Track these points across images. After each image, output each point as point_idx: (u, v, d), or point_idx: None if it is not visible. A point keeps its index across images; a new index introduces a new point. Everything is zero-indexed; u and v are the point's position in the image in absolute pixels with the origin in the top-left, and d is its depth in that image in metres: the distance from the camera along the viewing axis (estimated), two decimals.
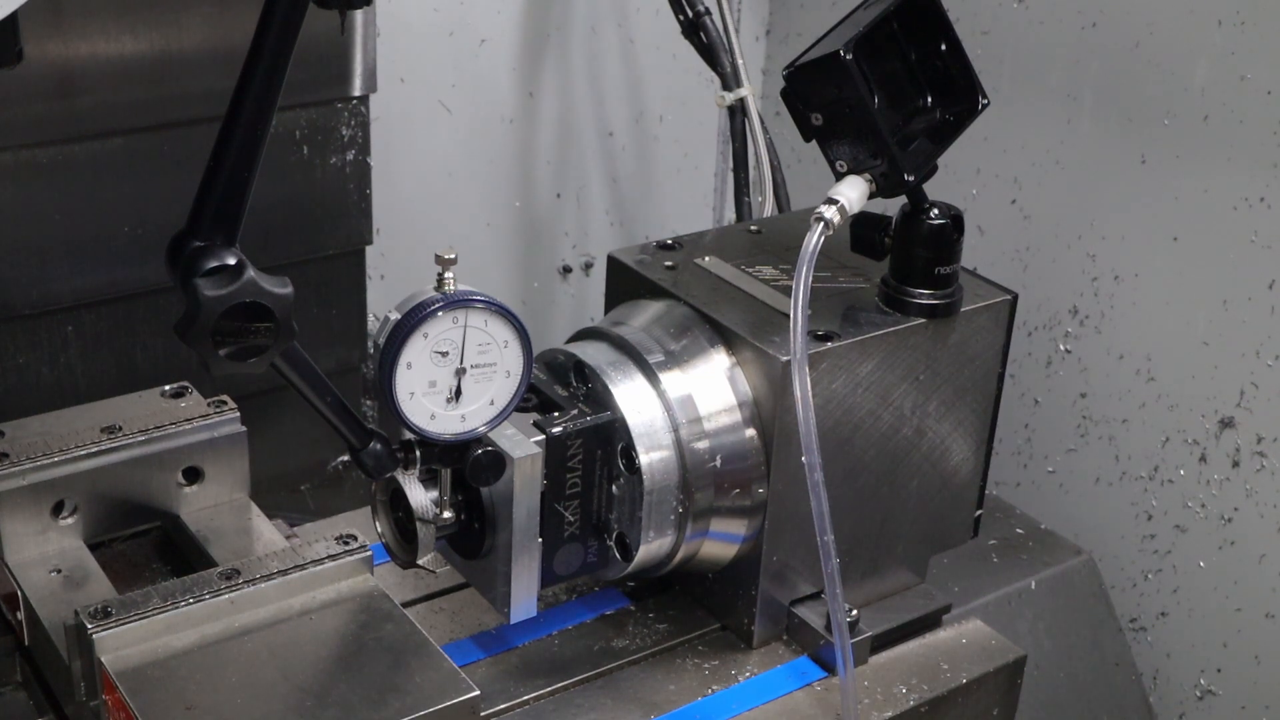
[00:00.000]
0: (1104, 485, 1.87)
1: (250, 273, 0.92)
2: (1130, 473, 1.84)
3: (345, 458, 1.74)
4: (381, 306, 1.70)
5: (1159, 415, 1.80)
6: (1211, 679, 1.81)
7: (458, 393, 1.12)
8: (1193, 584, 1.81)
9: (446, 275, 1.08)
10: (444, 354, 1.09)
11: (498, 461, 1.16)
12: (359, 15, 1.55)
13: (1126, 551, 1.86)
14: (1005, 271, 1.83)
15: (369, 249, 1.71)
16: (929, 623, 1.40)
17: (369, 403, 1.78)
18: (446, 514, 1.20)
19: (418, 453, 1.15)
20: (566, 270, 2.14)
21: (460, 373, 1.11)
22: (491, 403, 1.13)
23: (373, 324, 1.74)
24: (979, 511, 1.43)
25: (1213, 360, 1.73)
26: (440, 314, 1.04)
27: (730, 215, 2.19)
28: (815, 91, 1.25)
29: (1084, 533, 1.84)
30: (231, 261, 0.94)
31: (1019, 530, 1.67)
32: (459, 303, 1.04)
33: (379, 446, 1.12)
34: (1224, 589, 1.77)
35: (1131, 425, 1.83)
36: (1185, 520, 1.79)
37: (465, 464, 1.16)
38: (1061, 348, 1.88)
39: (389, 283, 1.86)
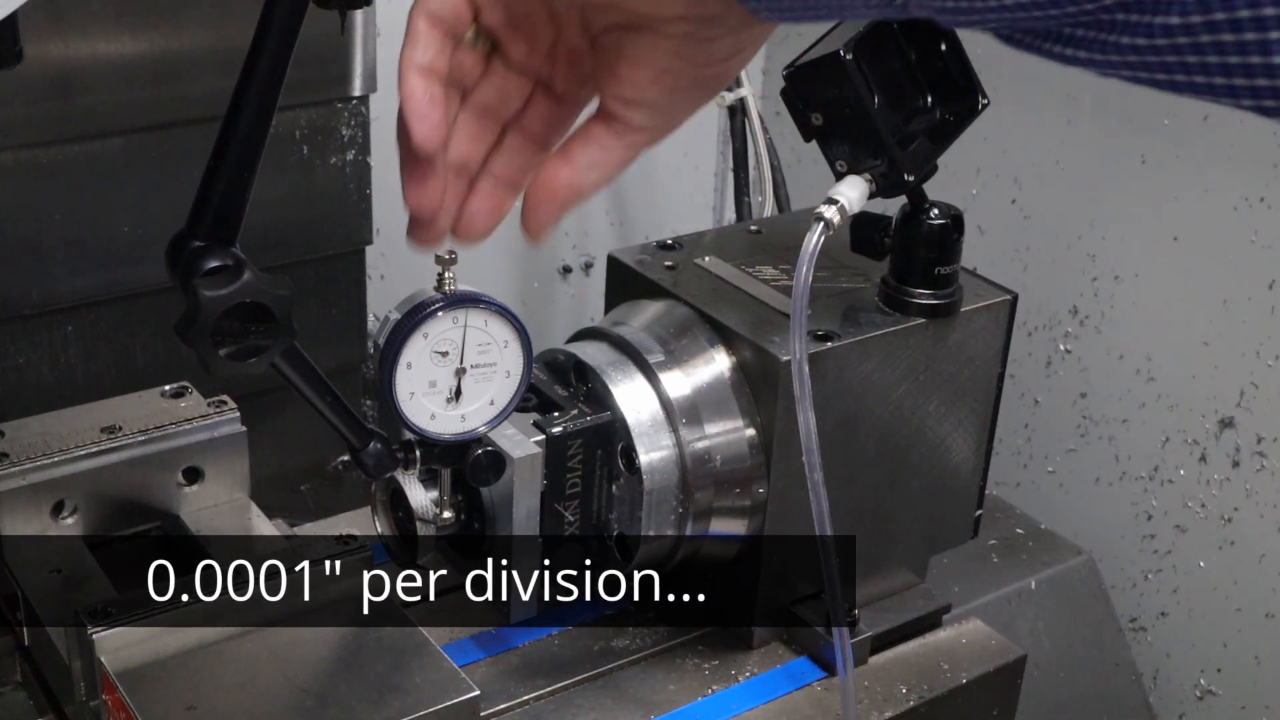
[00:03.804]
0: (1104, 485, 1.87)
1: (250, 273, 0.92)
2: (1130, 473, 1.84)
3: (345, 458, 1.74)
4: (381, 306, 1.69)
5: (1159, 415, 1.80)
6: (1211, 679, 1.81)
7: (458, 393, 1.11)
8: (1193, 584, 1.81)
9: (446, 275, 1.07)
10: (444, 354, 1.09)
11: (498, 461, 1.16)
12: (359, 15, 1.55)
13: (1126, 551, 1.86)
14: (1005, 271, 1.83)
15: (369, 249, 1.70)
16: (929, 623, 1.40)
17: (369, 403, 1.78)
18: (446, 514, 1.20)
19: (418, 453, 1.15)
20: (566, 270, 2.13)
21: (460, 373, 1.11)
22: (491, 403, 1.13)
23: (373, 324, 1.74)
24: (979, 511, 1.43)
25: (1213, 360, 1.73)
26: (440, 314, 1.04)
27: (730, 215, 2.19)
28: (815, 91, 1.25)
29: (1084, 533, 1.84)
30: (231, 262, 0.93)
31: (1019, 530, 1.67)
32: (459, 303, 1.04)
33: (379, 446, 1.12)
34: (1224, 589, 1.77)
35: (1131, 425, 1.83)
36: (1185, 520, 1.80)
37: (465, 464, 1.15)
38: (1061, 348, 1.88)
39: (389, 283, 1.86)
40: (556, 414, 1.24)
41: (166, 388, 1.35)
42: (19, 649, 1.25)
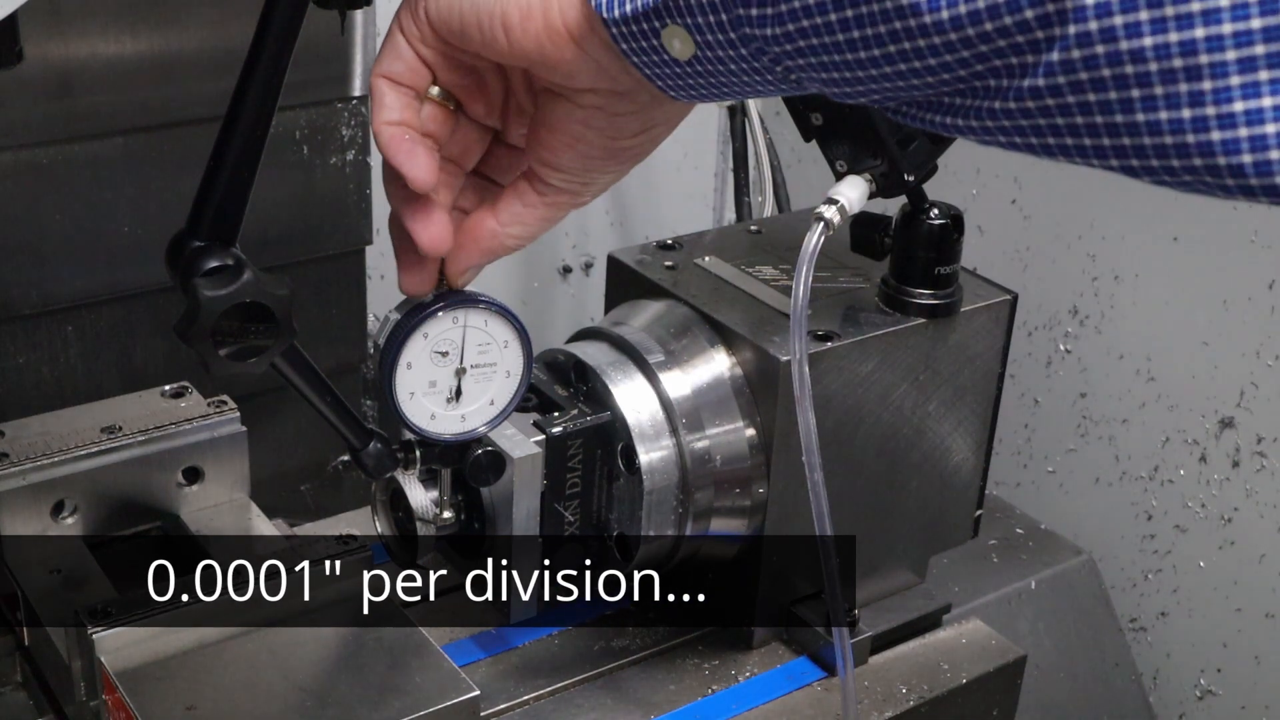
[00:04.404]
0: (1104, 485, 1.87)
1: (250, 273, 0.92)
2: (1130, 473, 1.84)
3: (345, 458, 1.74)
4: (381, 306, 1.69)
5: (1159, 415, 1.80)
6: (1211, 679, 1.81)
7: (458, 393, 1.11)
8: (1193, 584, 1.81)
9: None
10: (444, 354, 1.08)
11: (498, 461, 1.16)
12: (359, 15, 1.55)
13: (1126, 551, 1.86)
14: (1005, 271, 1.83)
15: (369, 249, 1.70)
16: (929, 623, 1.40)
17: (369, 403, 1.78)
18: (446, 514, 1.20)
19: (418, 453, 1.14)
20: (566, 270, 2.13)
21: (460, 373, 1.10)
22: (491, 403, 1.12)
23: (373, 324, 1.74)
24: (979, 511, 1.42)
25: (1213, 360, 1.73)
26: (440, 314, 1.03)
27: (730, 215, 2.19)
28: None
29: (1084, 533, 1.84)
30: (231, 262, 0.93)
31: (1019, 530, 1.67)
32: (459, 303, 1.03)
33: (379, 446, 1.12)
34: (1224, 589, 1.77)
35: (1131, 425, 1.83)
36: (1185, 520, 1.79)
37: (465, 464, 1.15)
38: (1061, 348, 1.88)
39: (389, 283, 1.84)
40: (556, 414, 1.24)
41: (166, 388, 1.34)
42: (19, 649, 1.25)
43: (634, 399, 1.26)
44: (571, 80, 0.76)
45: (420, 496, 1.19)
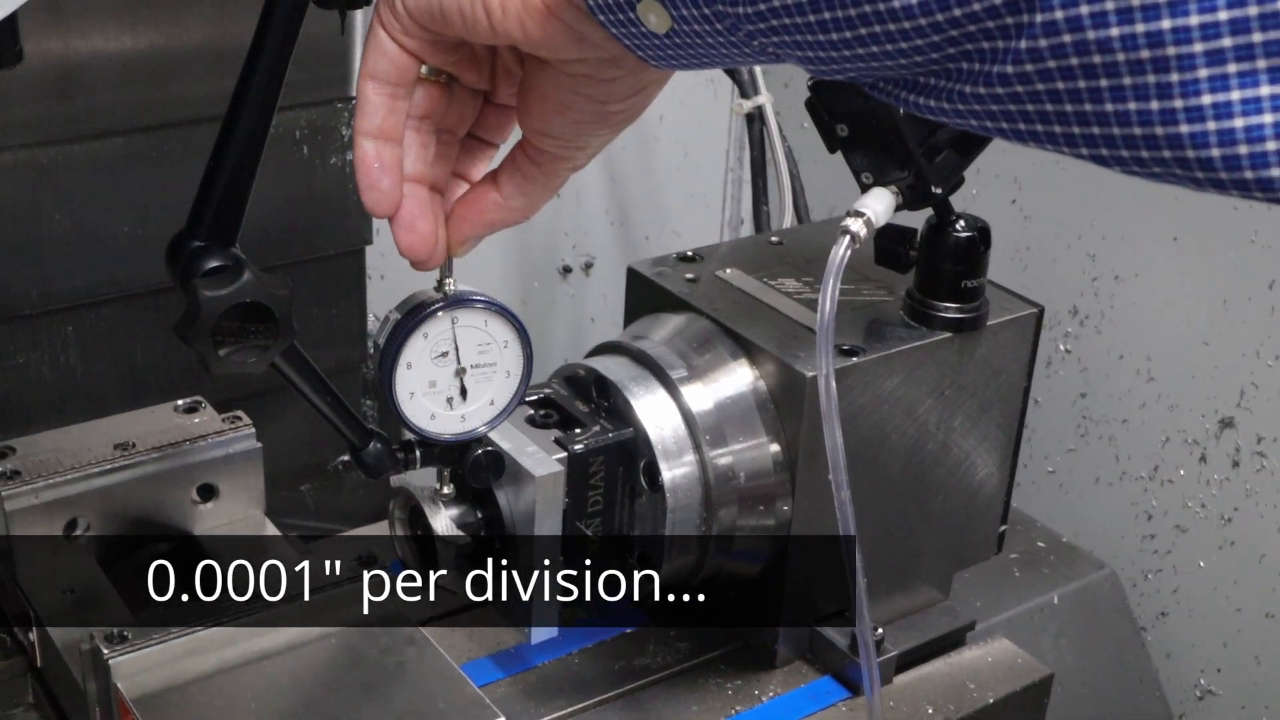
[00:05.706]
0: (1104, 485, 1.87)
1: (250, 273, 0.92)
2: (1130, 473, 1.84)
3: (345, 458, 1.72)
4: (381, 306, 1.67)
5: (1159, 415, 1.79)
6: (1211, 679, 1.82)
7: (461, 392, 1.10)
8: (1193, 584, 1.81)
9: (446, 276, 1.06)
10: (444, 354, 1.08)
11: (497, 461, 1.15)
12: (359, 15, 1.52)
13: (1126, 551, 1.86)
14: (1005, 271, 1.81)
15: (369, 249, 1.68)
16: (954, 640, 1.39)
17: (369, 403, 1.76)
18: (448, 485, 1.18)
19: (418, 453, 1.14)
20: (566, 270, 2.12)
21: (460, 373, 1.09)
22: (491, 403, 1.11)
23: (373, 324, 1.72)
24: (1003, 527, 1.41)
25: (1213, 360, 1.72)
26: (440, 314, 1.03)
27: (737, 218, 2.18)
28: (841, 102, 1.23)
29: (1084, 533, 1.84)
30: (231, 262, 0.93)
31: (1040, 544, 1.66)
32: (459, 303, 1.03)
33: (379, 446, 1.11)
34: (1224, 589, 1.78)
35: (1131, 425, 1.83)
36: (1185, 520, 1.80)
37: (465, 464, 1.14)
38: (1061, 348, 1.88)
39: (389, 283, 1.83)
40: (578, 430, 1.22)
41: (180, 402, 1.33)
42: (31, 670, 1.23)
43: (656, 414, 1.24)
44: (558, 53, 0.76)
45: (441, 517, 1.18)
